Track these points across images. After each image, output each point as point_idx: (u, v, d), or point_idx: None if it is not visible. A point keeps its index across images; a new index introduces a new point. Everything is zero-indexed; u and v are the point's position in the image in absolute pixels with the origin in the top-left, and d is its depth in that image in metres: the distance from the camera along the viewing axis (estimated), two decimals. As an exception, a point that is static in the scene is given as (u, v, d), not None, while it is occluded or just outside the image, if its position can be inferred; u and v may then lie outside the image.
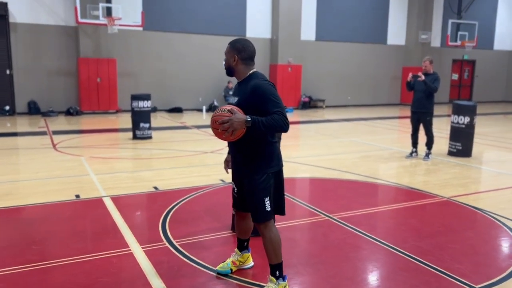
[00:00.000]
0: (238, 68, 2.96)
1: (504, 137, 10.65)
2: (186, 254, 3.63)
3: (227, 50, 3.00)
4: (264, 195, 2.91)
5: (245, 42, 2.97)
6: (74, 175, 6.28)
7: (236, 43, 2.96)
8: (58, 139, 9.50)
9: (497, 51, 23.15)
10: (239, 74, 2.98)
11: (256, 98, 2.78)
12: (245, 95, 2.86)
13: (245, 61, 2.95)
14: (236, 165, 3.06)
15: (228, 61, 2.99)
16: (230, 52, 2.96)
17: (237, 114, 2.67)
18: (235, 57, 2.93)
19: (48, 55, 14.13)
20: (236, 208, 3.27)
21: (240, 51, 2.93)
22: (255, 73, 2.96)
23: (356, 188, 5.94)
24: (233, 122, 2.65)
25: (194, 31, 16.07)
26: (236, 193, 3.16)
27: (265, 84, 2.82)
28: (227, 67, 3.01)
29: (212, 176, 6.33)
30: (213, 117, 2.77)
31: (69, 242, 3.86)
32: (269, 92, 2.78)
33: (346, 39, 19.01)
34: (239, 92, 2.95)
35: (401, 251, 3.74)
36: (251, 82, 2.87)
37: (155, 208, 4.83)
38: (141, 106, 9.42)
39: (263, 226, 2.96)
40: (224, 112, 2.72)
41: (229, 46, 2.99)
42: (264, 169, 2.90)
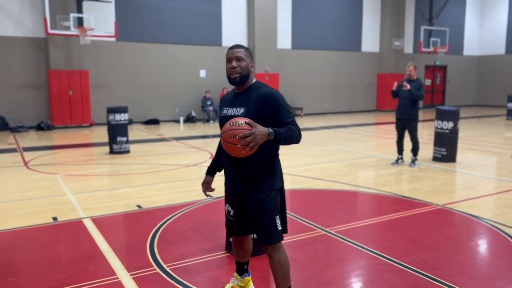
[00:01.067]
0: (250, 76, 2.69)
1: (483, 141, 10.77)
2: (180, 280, 3.35)
3: (244, 54, 2.63)
4: (275, 213, 2.67)
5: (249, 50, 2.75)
6: (49, 195, 5.88)
7: (247, 49, 2.71)
8: (30, 156, 9.01)
9: (466, 57, 23.75)
10: (248, 81, 2.68)
11: (268, 107, 2.55)
12: (254, 104, 2.58)
13: (254, 69, 2.73)
14: (234, 183, 2.74)
15: (247, 67, 2.63)
16: (248, 57, 2.65)
17: (258, 127, 2.37)
18: (253, 63, 2.69)
19: (16, 68, 13.55)
20: (233, 235, 2.97)
21: (252, 57, 2.72)
22: (258, 82, 2.73)
23: (347, 199, 5.77)
24: (256, 136, 2.35)
25: (169, 41, 15.76)
26: (233, 216, 2.86)
27: (277, 93, 2.61)
28: (246, 74, 2.63)
29: (197, 191, 6.03)
30: (229, 131, 2.41)
31: (49, 272, 3.51)
32: (283, 101, 2.58)
33: (321, 47, 19.09)
34: (242, 102, 2.64)
35: (407, 266, 3.57)
36: (259, 90, 2.62)
37: (140, 229, 4.52)
38: (118, 119, 9.05)
39: (272, 248, 2.70)
40: (242, 125, 2.39)
41: (243, 49, 2.65)
42: (271, 185, 2.67)
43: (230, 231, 2.96)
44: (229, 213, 2.89)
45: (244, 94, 2.68)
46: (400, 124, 7.66)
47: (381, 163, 8.06)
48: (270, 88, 2.64)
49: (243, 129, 2.38)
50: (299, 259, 3.75)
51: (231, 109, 2.68)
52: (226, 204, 2.90)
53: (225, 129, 2.46)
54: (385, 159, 8.42)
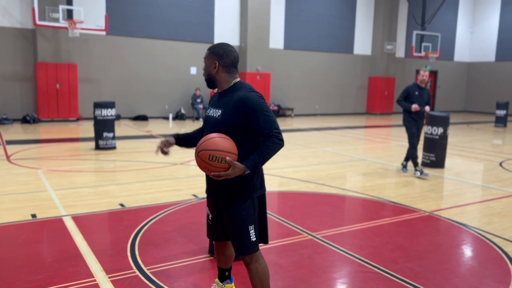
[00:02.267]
0: (219, 77, 2.56)
1: (471, 147, 10.80)
2: (160, 284, 3.23)
3: (205, 55, 2.59)
4: (249, 223, 2.54)
5: (227, 47, 2.57)
6: (30, 191, 5.71)
7: (216, 47, 2.57)
8: (13, 149, 8.79)
9: (457, 62, 23.91)
10: (221, 83, 2.58)
11: (244, 113, 2.42)
12: (229, 108, 2.47)
13: (228, 69, 2.55)
14: (212, 186, 2.62)
15: (207, 69, 2.58)
16: (209, 58, 2.56)
17: (235, 168, 2.33)
18: (216, 63, 2.53)
19: (2, 59, 13.26)
20: (212, 239, 2.87)
21: (221, 56, 2.53)
22: (239, 83, 2.57)
23: (335, 203, 5.70)
24: (230, 175, 2.35)
25: (160, 37, 15.57)
26: (211, 220, 2.75)
27: (254, 96, 2.45)
28: (207, 76, 2.59)
29: (183, 190, 5.92)
30: (207, 164, 2.37)
31: (24, 272, 3.37)
32: (260, 106, 2.41)
33: (314, 48, 19.04)
34: (222, 103, 2.54)
35: (393, 274, 3.50)
36: (237, 93, 2.48)
37: (122, 229, 4.39)
38: (105, 114, 8.87)
39: (249, 258, 2.59)
40: (222, 164, 2.35)
41: (208, 51, 2.58)
42: (248, 193, 2.53)
43: (209, 235, 2.86)
44: (208, 217, 2.79)
45: (225, 95, 2.57)
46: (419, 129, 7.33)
47: (370, 167, 8.01)
48: (248, 91, 2.48)
49: (220, 168, 2.35)
50: (283, 264, 3.66)
51: (212, 109, 2.61)
52: (207, 207, 2.81)
53: (203, 156, 2.38)
54: (375, 163, 8.38)
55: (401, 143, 11.62)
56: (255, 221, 2.59)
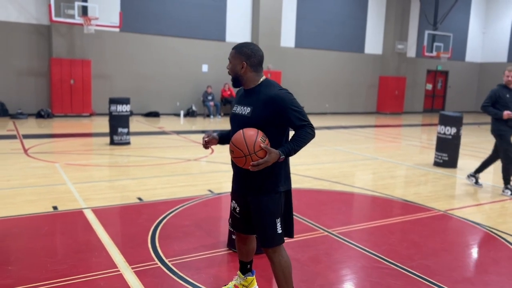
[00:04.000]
0: (246, 76, 2.61)
1: (483, 148, 10.77)
2: (181, 276, 3.32)
3: (232, 55, 2.62)
4: (276, 216, 2.62)
5: (254, 47, 2.62)
6: (49, 184, 5.83)
7: (243, 47, 2.60)
8: (30, 143, 8.94)
9: (468, 63, 23.76)
10: (248, 82, 2.63)
11: (276, 111, 2.50)
12: (259, 106, 2.53)
13: (255, 68, 2.60)
14: (240, 181, 2.72)
15: (234, 69, 2.62)
16: (236, 58, 2.60)
17: (271, 153, 2.43)
18: (244, 64, 2.57)
19: (18, 54, 13.44)
20: (237, 231, 2.93)
21: (249, 56, 2.58)
22: (266, 81, 2.63)
23: (350, 201, 5.75)
24: (266, 162, 2.44)
25: (173, 34, 15.68)
26: (238, 213, 2.83)
27: (285, 94, 2.53)
28: (234, 75, 2.64)
29: (199, 186, 6.01)
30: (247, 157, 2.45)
31: (49, 262, 3.47)
32: (291, 103, 2.50)
33: (324, 47, 19.04)
34: (250, 101, 2.60)
35: (410, 271, 3.55)
36: (267, 91, 2.55)
37: (142, 222, 4.48)
38: (120, 110, 8.99)
39: (272, 251, 2.67)
40: (260, 152, 2.43)
41: (234, 51, 2.62)
42: (276, 187, 2.61)
43: (234, 227, 2.92)
44: (234, 210, 2.86)
45: (253, 92, 2.63)
46: None
47: (382, 166, 8.05)
48: (277, 89, 2.55)
49: (257, 157, 2.44)
50: (300, 259, 3.73)
51: (240, 107, 2.67)
52: (232, 201, 2.88)
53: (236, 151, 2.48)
54: (387, 162, 8.41)
55: (412, 142, 11.63)
56: (282, 215, 2.66)
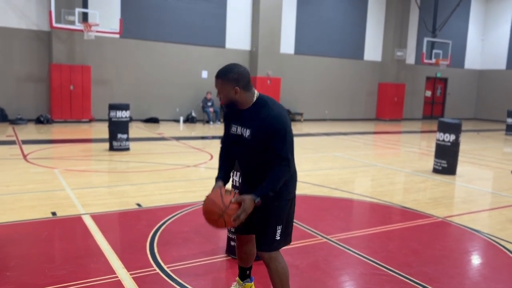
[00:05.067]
0: (241, 98, 2.54)
1: (482, 155, 10.79)
2: (180, 282, 3.32)
3: (220, 84, 2.51)
4: (278, 223, 2.64)
5: (238, 68, 2.53)
6: (48, 190, 5.83)
7: (229, 73, 2.50)
8: (29, 149, 8.95)
9: (467, 70, 23.84)
10: (244, 103, 2.56)
11: (268, 132, 2.47)
12: (257, 128, 2.51)
13: (247, 88, 2.53)
14: (248, 187, 2.70)
15: (228, 96, 2.52)
16: (227, 85, 2.50)
17: (246, 201, 2.45)
18: (236, 88, 2.50)
19: (18, 60, 13.49)
20: (237, 232, 2.94)
21: (238, 80, 2.49)
22: (260, 98, 2.57)
23: (349, 207, 5.76)
24: (245, 211, 2.46)
25: (172, 40, 15.75)
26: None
27: (279, 118, 2.48)
28: (229, 101, 2.55)
29: (197, 192, 6.01)
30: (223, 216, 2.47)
31: (48, 268, 3.47)
32: (283, 128, 2.47)
33: (324, 54, 19.12)
34: (249, 122, 2.55)
35: (408, 278, 3.55)
36: (263, 111, 2.51)
37: (140, 228, 4.48)
38: (119, 116, 9.00)
39: (268, 256, 2.68)
40: (234, 204, 2.47)
41: (221, 80, 2.50)
42: (283, 195, 2.63)
43: (236, 229, 2.91)
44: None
45: (249, 112, 2.57)
46: None
47: (381, 172, 8.06)
48: (274, 111, 2.50)
49: (231, 210, 2.46)
50: (299, 265, 3.73)
51: (239, 127, 2.62)
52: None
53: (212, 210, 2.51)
54: (386, 168, 8.42)
55: (411, 149, 11.65)
56: (283, 222, 2.68)
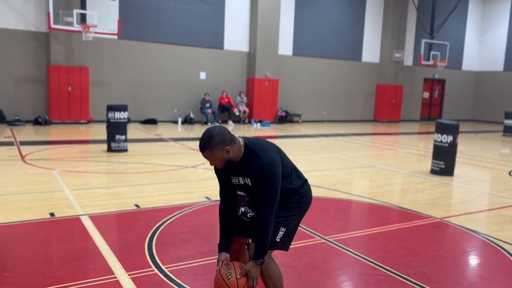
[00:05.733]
0: (235, 153, 2.55)
1: (480, 156, 10.82)
2: (178, 282, 3.32)
3: (209, 155, 2.49)
4: (283, 224, 2.66)
5: (215, 129, 2.51)
6: (46, 191, 5.83)
7: (212, 139, 2.47)
8: (27, 150, 8.94)
9: (465, 71, 23.92)
10: (237, 155, 2.58)
11: (261, 180, 2.53)
12: (254, 177, 2.57)
13: (233, 142, 2.54)
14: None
15: (222, 159, 2.53)
16: (216, 153, 2.49)
17: (252, 270, 2.53)
18: (226, 148, 2.50)
19: (16, 61, 13.47)
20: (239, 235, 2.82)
21: (223, 141, 2.49)
22: (247, 147, 2.58)
23: (347, 208, 5.77)
24: (255, 279, 2.54)
25: (171, 42, 15.76)
26: (250, 218, 2.77)
27: (272, 165, 2.52)
28: (226, 163, 2.56)
29: (196, 193, 6.02)
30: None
31: (46, 268, 3.47)
32: (272, 176, 2.51)
33: (322, 55, 19.15)
34: (247, 172, 2.59)
35: (406, 278, 3.56)
36: (253, 164, 2.54)
37: (139, 229, 4.48)
38: (118, 117, 9.00)
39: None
40: (241, 279, 2.52)
41: (208, 151, 2.48)
42: (299, 207, 2.74)
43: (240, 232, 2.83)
44: (245, 215, 2.81)
45: (242, 165, 2.60)
46: None
47: (379, 173, 8.07)
48: (264, 158, 2.53)
49: (244, 283, 2.53)
50: (297, 266, 3.74)
51: (240, 178, 2.65)
52: (245, 206, 2.84)
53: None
54: (384, 169, 8.44)
55: (409, 150, 11.68)
56: (287, 227, 2.69)
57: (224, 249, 2.70)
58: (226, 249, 2.71)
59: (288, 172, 2.71)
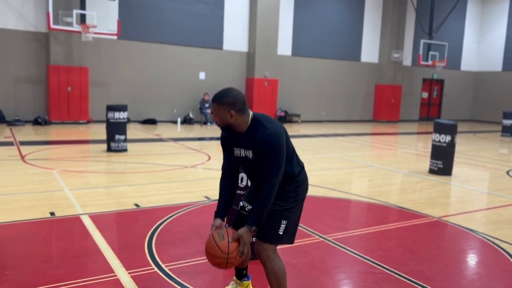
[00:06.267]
0: (237, 122, 2.59)
1: (478, 156, 10.86)
2: (178, 281, 3.35)
3: (216, 109, 2.57)
4: (284, 217, 2.69)
5: (233, 92, 2.58)
6: (46, 190, 5.85)
7: (224, 97, 2.55)
8: (26, 150, 8.96)
9: (464, 72, 23.97)
10: (240, 126, 2.62)
11: (264, 151, 2.55)
12: (257, 149, 2.58)
13: (242, 112, 2.58)
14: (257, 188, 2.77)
15: (224, 120, 2.58)
16: (222, 110, 2.56)
17: (243, 236, 2.54)
18: (232, 112, 2.55)
19: (16, 61, 13.49)
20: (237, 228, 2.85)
21: (233, 104, 2.54)
22: (255, 119, 2.62)
23: (345, 207, 5.80)
24: (247, 244, 2.56)
25: (170, 42, 15.78)
26: (248, 211, 2.79)
27: (276, 136, 2.54)
28: (225, 125, 2.61)
29: (195, 192, 6.04)
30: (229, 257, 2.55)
31: (46, 267, 3.49)
32: (275, 152, 2.53)
33: (321, 55, 19.19)
34: (249, 144, 2.62)
35: (404, 276, 3.59)
36: (259, 134, 2.56)
37: (138, 228, 4.51)
38: (117, 117, 9.03)
39: (265, 255, 2.70)
40: (232, 243, 2.55)
41: (216, 103, 2.56)
42: (296, 195, 2.73)
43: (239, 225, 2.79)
44: (243, 209, 2.85)
45: (246, 136, 2.64)
46: None
47: (378, 173, 8.11)
48: (269, 130, 2.55)
49: (234, 249, 2.55)
50: (296, 264, 3.76)
51: (242, 150, 2.68)
52: (242, 200, 2.88)
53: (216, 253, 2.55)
54: (382, 169, 8.47)
55: (408, 150, 11.71)
56: (288, 219, 2.72)
57: (219, 215, 2.75)
58: (221, 215, 2.75)
59: (290, 154, 2.69)
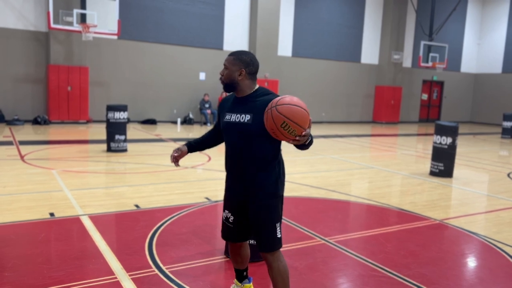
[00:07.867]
0: (243, 83, 2.59)
1: (478, 158, 10.84)
2: (179, 283, 3.32)
3: (229, 61, 2.59)
4: (276, 220, 2.65)
5: (252, 56, 2.64)
6: (46, 191, 5.82)
7: (243, 54, 2.60)
8: (26, 150, 8.93)
9: (464, 74, 23.97)
10: (243, 89, 2.61)
11: None
12: (260, 112, 2.51)
13: (252, 76, 2.61)
14: (239, 185, 2.68)
15: (231, 75, 2.58)
16: (235, 64, 2.58)
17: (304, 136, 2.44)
18: (242, 71, 2.56)
19: (15, 60, 13.46)
20: (230, 241, 2.89)
21: (248, 64, 2.58)
22: (262, 88, 2.66)
23: (346, 209, 5.78)
24: (299, 142, 2.45)
25: (171, 42, 15.76)
26: (232, 222, 2.78)
27: None
28: (230, 81, 2.60)
29: (196, 193, 6.02)
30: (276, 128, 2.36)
31: (45, 268, 3.46)
32: None
33: (321, 56, 19.18)
34: (249, 108, 2.57)
35: (406, 279, 3.57)
36: (267, 97, 2.56)
37: (139, 229, 4.48)
38: (117, 117, 9.00)
39: (271, 256, 2.67)
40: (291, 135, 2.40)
41: (232, 57, 2.60)
42: (276, 190, 2.65)
43: (227, 237, 2.89)
44: (227, 220, 2.81)
45: (249, 100, 2.61)
46: None
47: (378, 175, 8.08)
48: (274, 95, 2.57)
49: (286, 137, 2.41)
50: (298, 267, 3.74)
51: (235, 115, 2.62)
52: (225, 211, 2.82)
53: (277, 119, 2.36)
54: (383, 171, 8.45)
55: (408, 152, 11.69)
56: (280, 219, 2.69)
57: (188, 145, 2.97)
58: (189, 147, 2.96)
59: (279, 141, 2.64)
